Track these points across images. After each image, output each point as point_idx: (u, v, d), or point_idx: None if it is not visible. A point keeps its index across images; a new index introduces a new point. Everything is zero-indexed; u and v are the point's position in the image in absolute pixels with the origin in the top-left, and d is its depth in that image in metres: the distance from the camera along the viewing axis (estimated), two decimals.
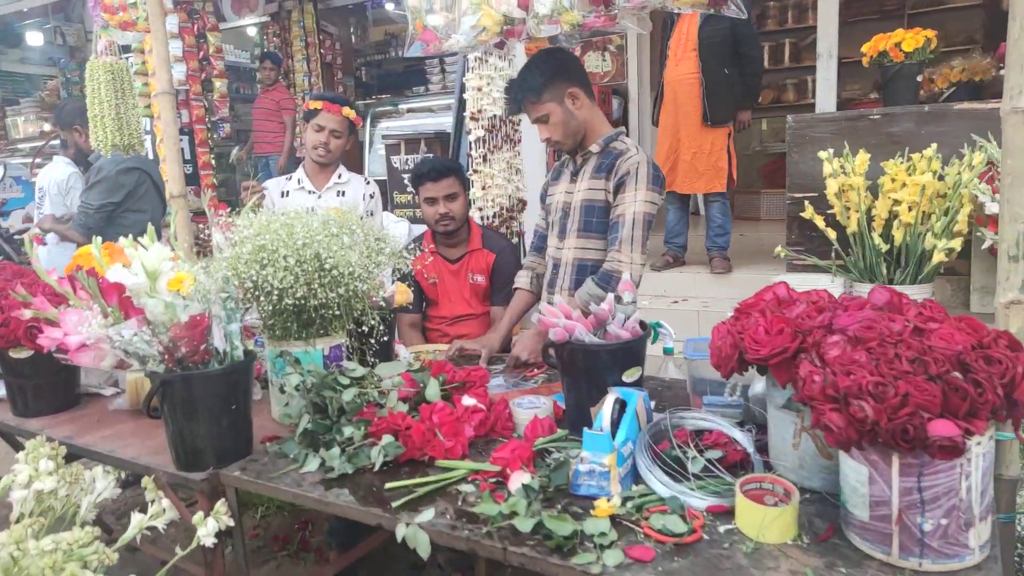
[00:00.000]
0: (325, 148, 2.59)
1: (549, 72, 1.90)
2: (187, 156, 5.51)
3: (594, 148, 1.96)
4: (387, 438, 1.36)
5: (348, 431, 1.42)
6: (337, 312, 1.58)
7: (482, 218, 3.78)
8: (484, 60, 3.83)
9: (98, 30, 2.75)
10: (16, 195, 7.77)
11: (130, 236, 1.65)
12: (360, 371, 1.54)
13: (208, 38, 6.13)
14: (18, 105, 10.28)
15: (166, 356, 1.37)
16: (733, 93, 3.87)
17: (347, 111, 2.62)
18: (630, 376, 1.37)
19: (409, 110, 6.72)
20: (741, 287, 3.69)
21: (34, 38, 9.57)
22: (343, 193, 2.71)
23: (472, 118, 3.85)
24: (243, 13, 7.57)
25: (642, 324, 1.43)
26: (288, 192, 2.67)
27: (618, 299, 1.42)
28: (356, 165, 7.89)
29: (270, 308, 1.53)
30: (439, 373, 1.56)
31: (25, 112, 10.37)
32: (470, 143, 3.92)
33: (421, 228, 4.37)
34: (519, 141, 4.10)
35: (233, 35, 7.93)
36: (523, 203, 4.06)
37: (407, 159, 4.65)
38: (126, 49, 5.81)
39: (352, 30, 8.12)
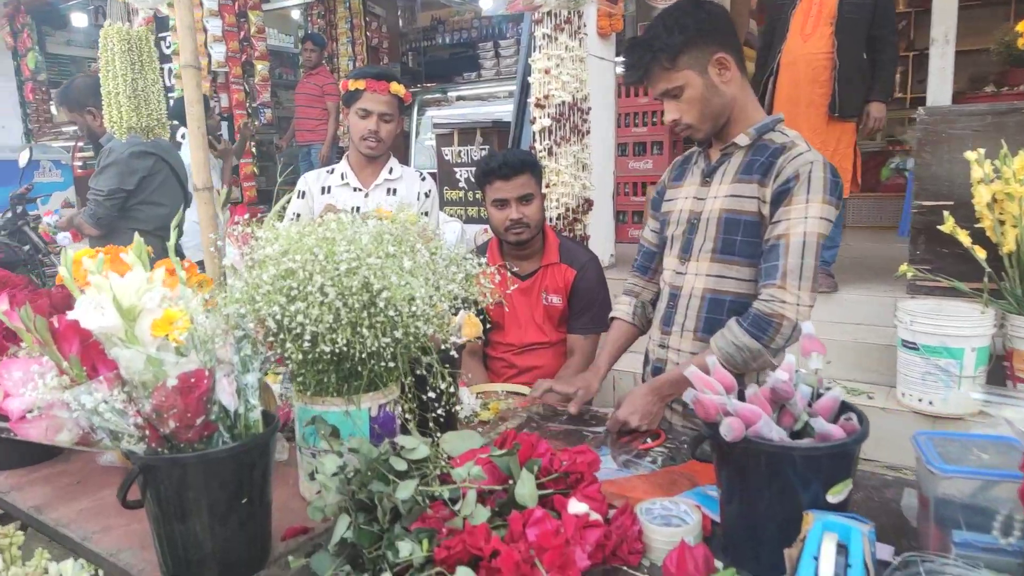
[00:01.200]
0: (375, 137, 2.14)
1: (694, 28, 1.38)
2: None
3: (741, 140, 1.44)
4: (463, 571, 0.91)
5: (405, 548, 0.97)
6: (391, 363, 1.13)
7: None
8: (553, 38, 3.35)
9: None
10: (55, 179, 7.56)
11: (141, 240, 1.25)
12: (421, 450, 1.08)
13: (249, 17, 5.78)
14: None
15: (147, 432, 0.94)
16: (866, 82, 3.25)
17: (395, 87, 2.16)
18: (836, 495, 0.89)
19: (459, 97, 6.27)
20: (850, 309, 3.15)
21: (79, 19, 9.38)
22: (394, 191, 2.27)
23: (537, 105, 3.38)
24: None
25: (849, 408, 0.95)
26: (329, 188, 2.24)
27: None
28: (400, 158, 7.50)
29: (300, 356, 1.09)
30: (532, 457, 1.10)
31: None
32: (533, 134, 3.45)
33: (473, 228, 3.94)
34: (587, 132, 3.61)
35: (275, 18, 7.58)
36: (589, 203, 3.58)
37: (460, 150, 4.20)
38: (163, 27, 5.49)
39: (400, 13, 7.70)
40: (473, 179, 2.12)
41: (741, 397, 0.98)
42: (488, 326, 2.16)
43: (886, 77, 3.28)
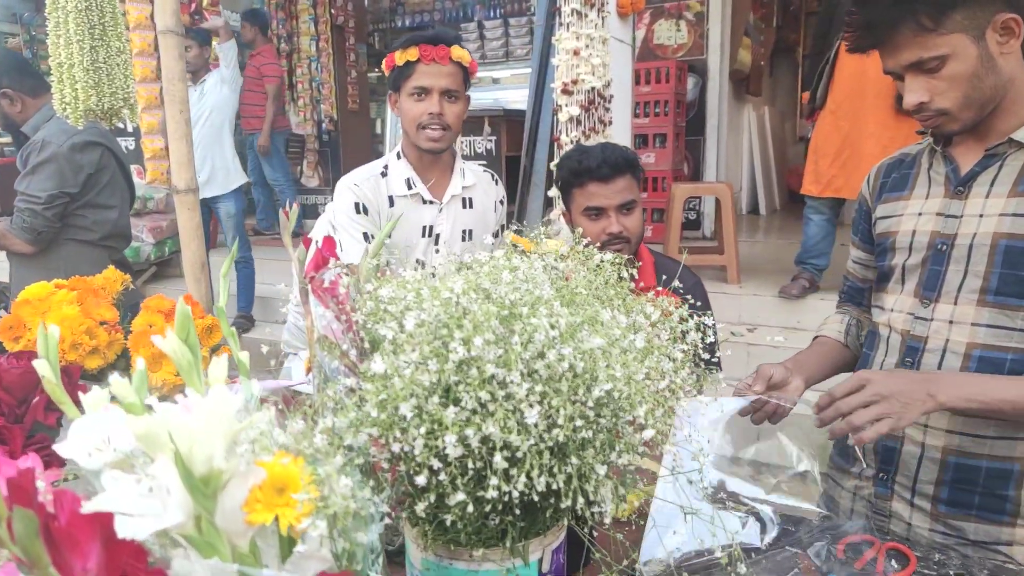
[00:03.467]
0: (439, 122, 1.63)
1: None
2: None
3: (1022, 135, 1.04)
4: None
5: None
6: (592, 497, 0.69)
7: None
8: (583, 15, 2.92)
9: None
10: None
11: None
12: None
13: None
14: None
15: None
16: None
17: (458, 51, 1.65)
18: None
19: None
20: None
21: None
22: (470, 203, 1.78)
23: (564, 91, 2.94)
24: None
25: None
26: (392, 199, 1.72)
27: None
28: (365, 159, 6.90)
29: (459, 498, 0.64)
30: None
31: None
32: (558, 123, 3.02)
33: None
34: (610, 123, 3.20)
35: None
36: None
37: (464, 141, 3.72)
38: None
39: None
40: (557, 179, 1.65)
41: None
42: None
43: None
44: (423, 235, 1.73)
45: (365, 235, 1.67)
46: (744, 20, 5.24)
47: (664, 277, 1.62)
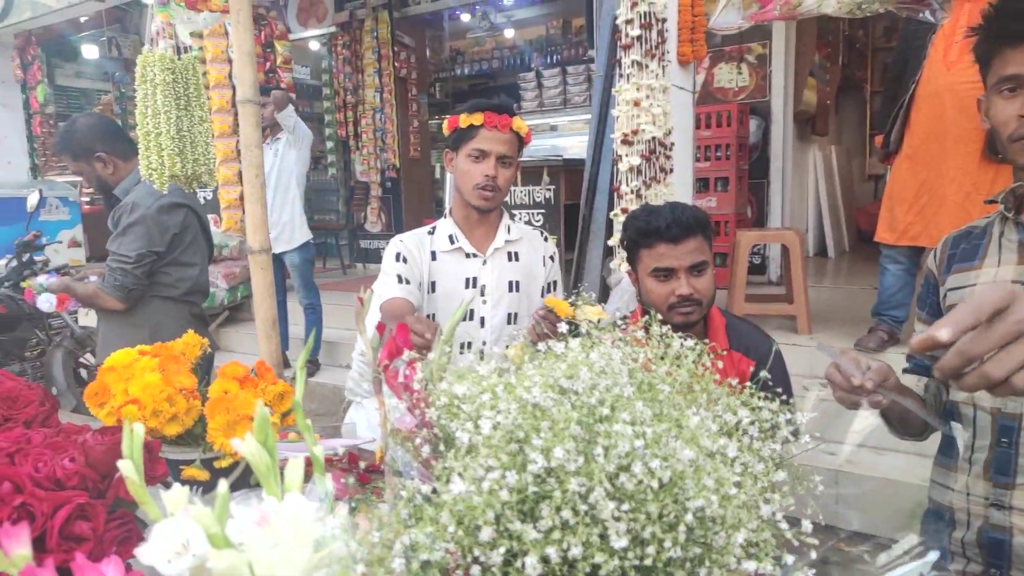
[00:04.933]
0: (492, 185, 1.69)
1: None
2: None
3: None
4: None
5: None
6: None
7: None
8: (643, 66, 2.93)
9: (154, 6, 1.91)
10: (63, 216, 7.14)
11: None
12: None
13: (276, 47, 5.39)
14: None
15: None
16: None
17: (518, 122, 1.73)
18: None
19: None
20: None
21: (90, 51, 9.06)
22: (516, 256, 1.81)
23: (625, 141, 2.94)
24: (310, 24, 6.86)
25: None
26: (435, 254, 1.78)
27: None
28: (426, 205, 7.02)
29: None
30: None
31: None
32: (618, 173, 3.01)
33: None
34: (671, 171, 3.18)
35: (293, 49, 7.21)
36: None
37: (523, 191, 3.75)
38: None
39: (427, 43, 7.34)
40: (623, 239, 1.64)
41: None
42: None
43: None
44: (467, 286, 1.79)
45: (399, 277, 1.77)
46: (809, 61, 5.16)
47: (743, 346, 1.57)
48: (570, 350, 0.73)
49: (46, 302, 2.22)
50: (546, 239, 1.91)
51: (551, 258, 1.88)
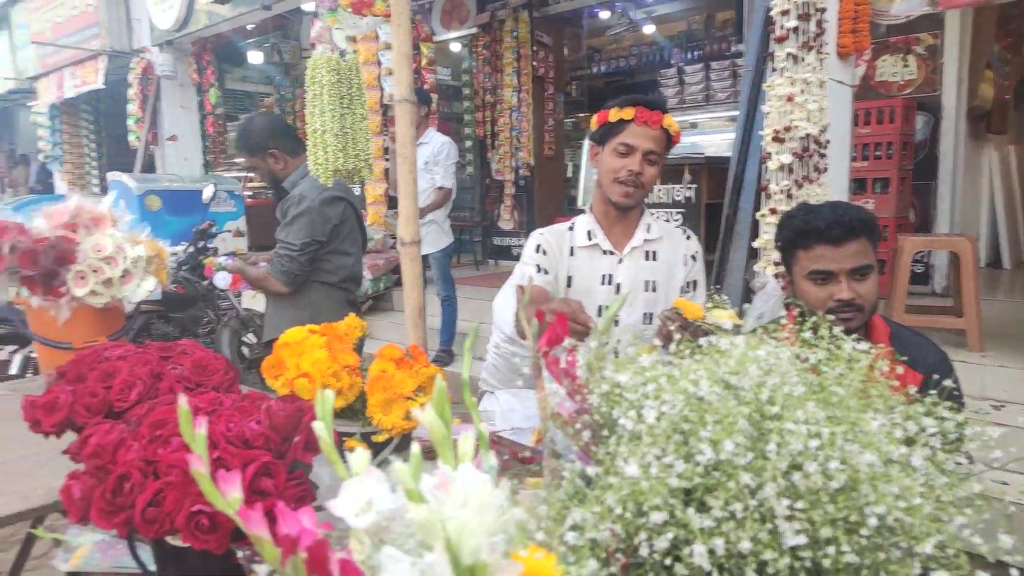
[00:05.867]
0: (635, 180, 1.68)
1: None
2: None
3: None
4: None
5: None
6: None
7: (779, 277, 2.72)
8: (799, 59, 2.78)
9: (323, 13, 2.05)
10: (229, 208, 7.86)
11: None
12: None
13: (421, 49, 5.64)
14: (238, 121, 10.77)
15: None
16: None
17: (669, 120, 1.71)
18: None
19: None
20: None
21: (254, 56, 9.90)
22: (654, 255, 1.79)
23: (776, 138, 2.82)
24: (452, 26, 7.10)
25: None
26: (573, 249, 1.80)
27: None
28: (558, 203, 7.08)
29: None
30: None
31: None
32: (766, 171, 2.89)
33: None
34: (824, 170, 3.00)
35: (436, 51, 7.50)
36: None
37: (661, 190, 3.70)
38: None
39: (565, 41, 7.38)
40: (778, 239, 1.58)
41: None
42: None
43: None
44: (602, 283, 1.79)
45: (538, 267, 1.80)
46: (987, 52, 4.68)
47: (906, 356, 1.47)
48: (734, 346, 0.72)
49: (222, 280, 2.47)
50: (688, 237, 1.87)
51: (693, 257, 1.84)
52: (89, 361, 1.35)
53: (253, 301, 4.60)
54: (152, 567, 1.09)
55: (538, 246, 1.81)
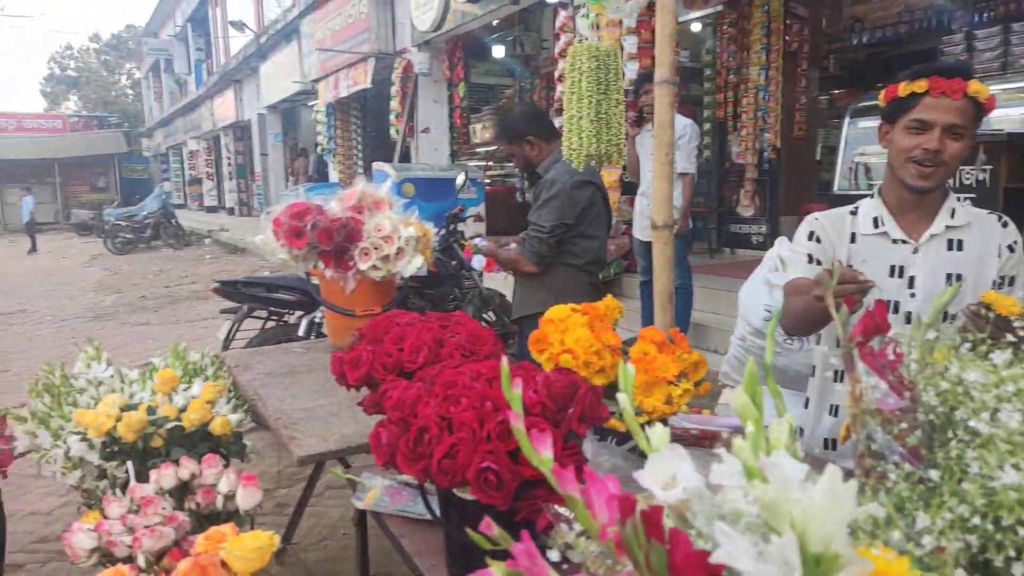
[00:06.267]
0: (932, 159, 1.47)
1: None
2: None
3: None
4: None
5: None
6: None
7: None
8: None
9: (585, 1, 2.09)
10: (471, 196, 8.43)
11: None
12: None
13: None
14: (479, 113, 11.49)
15: None
16: None
17: (976, 87, 1.46)
18: None
19: None
20: None
21: (497, 51, 10.45)
22: (959, 244, 1.57)
23: None
24: (696, 5, 6.85)
25: None
26: (854, 236, 1.64)
27: None
28: (806, 189, 6.54)
29: None
30: None
31: (484, 120, 11.56)
32: None
33: None
34: None
35: (677, 33, 7.29)
36: None
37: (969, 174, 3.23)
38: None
39: (823, 12, 6.77)
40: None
41: None
42: None
43: None
44: (891, 275, 1.58)
45: (809, 256, 1.64)
46: None
47: None
48: None
49: (479, 262, 2.65)
50: (1005, 224, 1.60)
51: (1010, 248, 1.57)
52: (384, 326, 1.52)
53: (493, 282, 4.89)
54: (438, 514, 1.20)
55: (811, 232, 1.67)
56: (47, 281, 11.45)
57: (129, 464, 1.49)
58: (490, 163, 10.59)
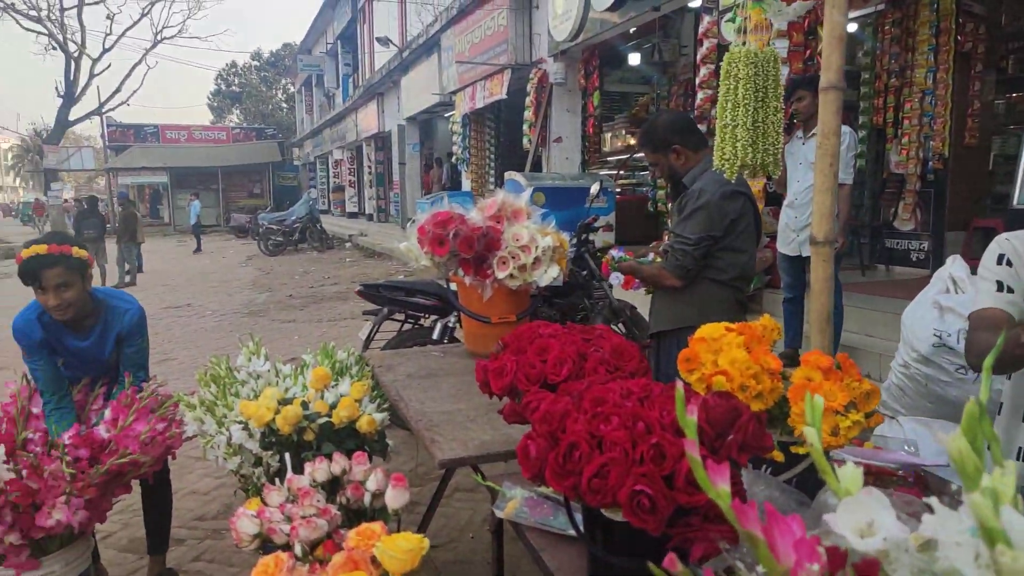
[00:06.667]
0: None
1: None
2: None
3: None
4: None
5: None
6: None
7: None
8: None
9: (748, 4, 1.99)
10: (601, 204, 8.36)
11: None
12: None
13: (818, 33, 5.20)
14: (612, 122, 11.37)
15: None
16: None
17: None
18: None
19: None
20: None
21: (633, 58, 10.30)
22: None
23: None
24: (855, 4, 6.39)
25: None
26: None
27: None
28: (977, 202, 5.92)
29: None
30: None
31: (616, 128, 11.43)
32: None
33: None
34: None
35: None
36: None
37: None
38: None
39: (1003, 9, 6.11)
40: None
41: None
42: None
43: None
44: None
45: (999, 284, 1.47)
46: None
47: None
48: None
49: (616, 279, 2.60)
50: None
51: None
52: (527, 336, 1.52)
53: (625, 292, 4.79)
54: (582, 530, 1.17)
55: (1001, 256, 1.48)
56: (209, 278, 12.63)
57: (287, 456, 1.58)
58: (621, 171, 10.46)
